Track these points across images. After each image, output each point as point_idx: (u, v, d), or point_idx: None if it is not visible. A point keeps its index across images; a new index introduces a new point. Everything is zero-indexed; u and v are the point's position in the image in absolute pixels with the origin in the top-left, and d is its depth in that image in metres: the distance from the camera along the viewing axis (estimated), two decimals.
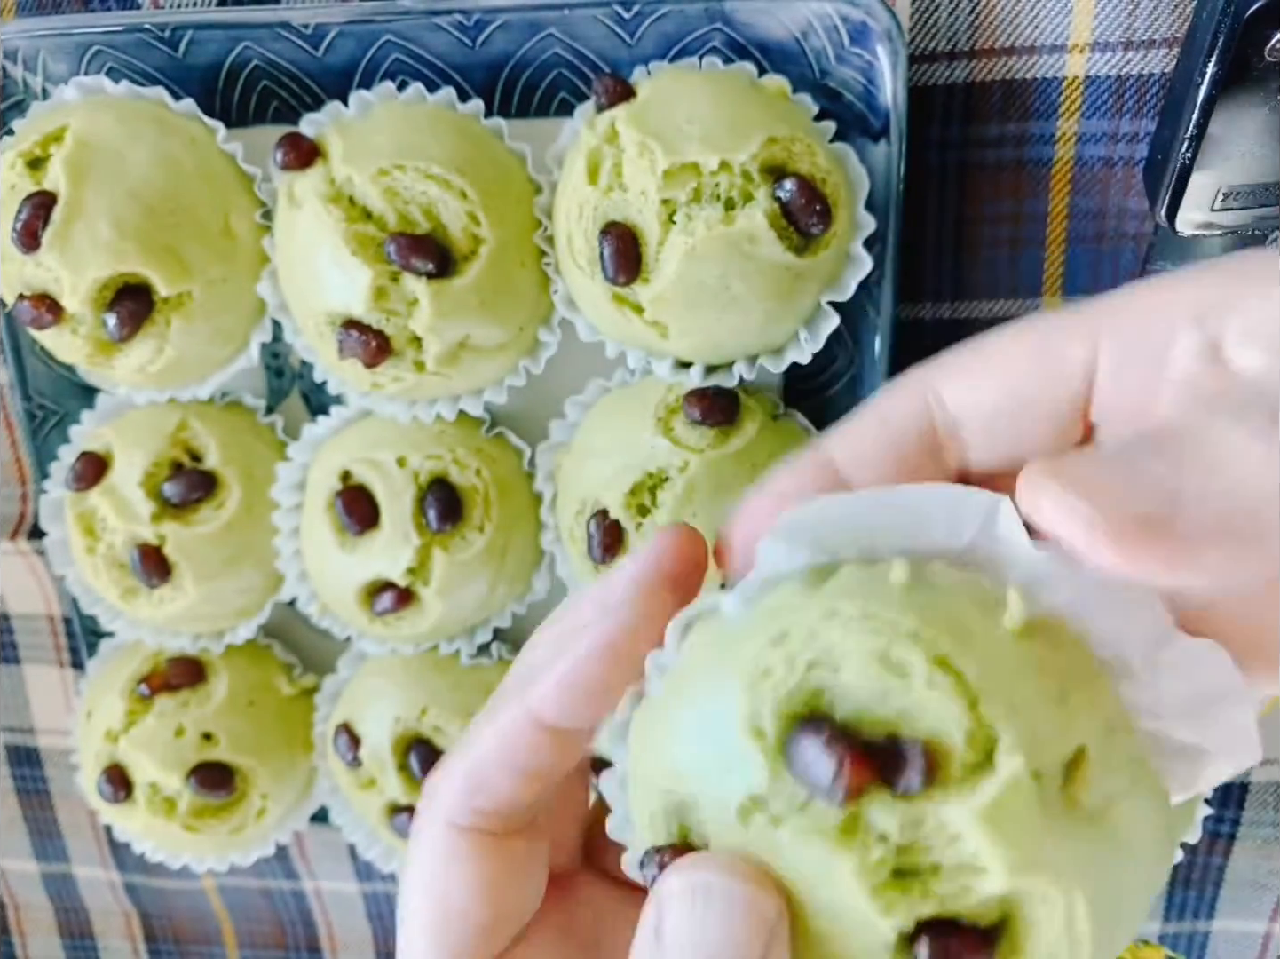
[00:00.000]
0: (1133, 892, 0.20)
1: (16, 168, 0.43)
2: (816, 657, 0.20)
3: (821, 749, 0.19)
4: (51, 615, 0.60)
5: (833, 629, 0.20)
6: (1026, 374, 0.22)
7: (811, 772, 0.19)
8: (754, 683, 0.20)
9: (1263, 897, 0.56)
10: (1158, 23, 0.41)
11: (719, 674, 0.21)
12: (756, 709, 0.20)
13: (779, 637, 0.20)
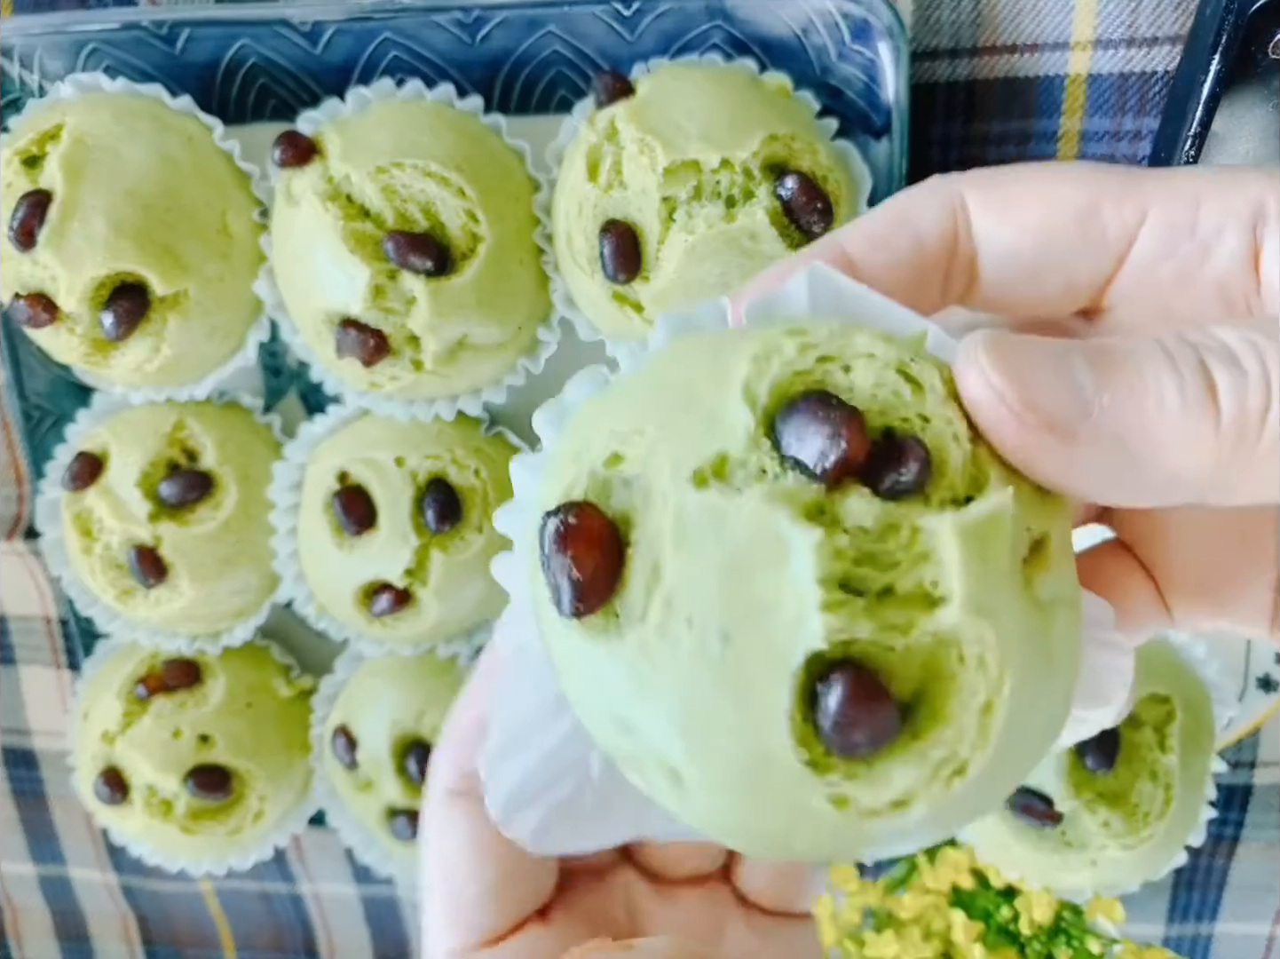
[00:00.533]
0: (1046, 705, 0.19)
1: (13, 166, 0.43)
2: (832, 352, 0.19)
3: (820, 419, 0.17)
4: (48, 616, 0.59)
5: (857, 334, 0.19)
6: (1065, 232, 0.21)
7: (804, 441, 0.17)
8: (761, 356, 0.19)
9: (1266, 899, 0.56)
10: (1161, 20, 0.41)
11: (718, 350, 0.19)
12: (757, 377, 0.18)
13: (797, 330, 0.19)
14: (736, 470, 0.18)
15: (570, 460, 0.20)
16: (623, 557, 0.18)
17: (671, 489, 0.18)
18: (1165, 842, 0.46)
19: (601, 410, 0.20)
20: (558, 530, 0.18)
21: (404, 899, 0.64)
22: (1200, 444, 0.18)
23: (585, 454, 0.19)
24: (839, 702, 0.17)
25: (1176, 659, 0.47)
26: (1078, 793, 0.44)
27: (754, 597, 0.17)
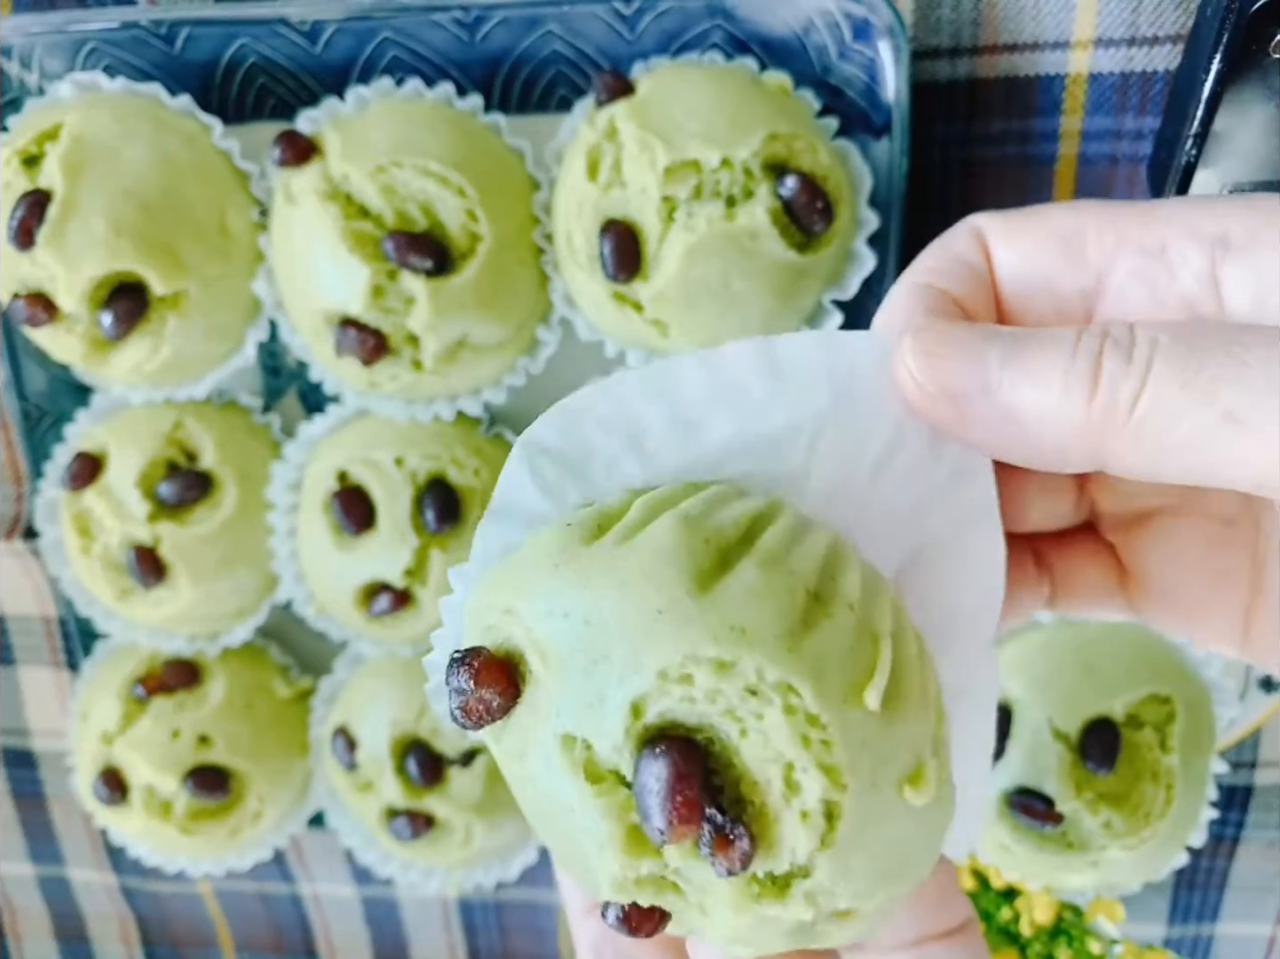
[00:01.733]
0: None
1: (12, 165, 0.43)
2: (741, 712, 0.19)
3: (671, 790, 0.18)
4: (46, 617, 0.59)
5: (792, 674, 0.19)
6: (1052, 258, 0.24)
7: (649, 793, 0.19)
8: (670, 675, 0.19)
9: (1267, 900, 0.56)
10: (1161, 19, 0.41)
11: (645, 622, 0.20)
12: (654, 698, 0.19)
13: (732, 645, 0.20)
14: (594, 762, 0.19)
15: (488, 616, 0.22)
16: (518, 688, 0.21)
17: (546, 730, 0.20)
18: (1166, 842, 0.46)
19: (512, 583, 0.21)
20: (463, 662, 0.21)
21: (403, 900, 0.64)
22: (1071, 421, 0.21)
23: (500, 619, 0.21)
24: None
25: (1178, 660, 0.47)
26: (1079, 793, 0.44)
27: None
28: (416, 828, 0.49)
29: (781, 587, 0.19)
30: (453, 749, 0.49)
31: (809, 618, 0.19)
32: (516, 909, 0.63)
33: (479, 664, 0.20)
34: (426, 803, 0.49)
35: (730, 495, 0.21)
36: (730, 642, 0.19)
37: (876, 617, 0.20)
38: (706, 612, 0.19)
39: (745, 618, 0.19)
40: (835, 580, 0.20)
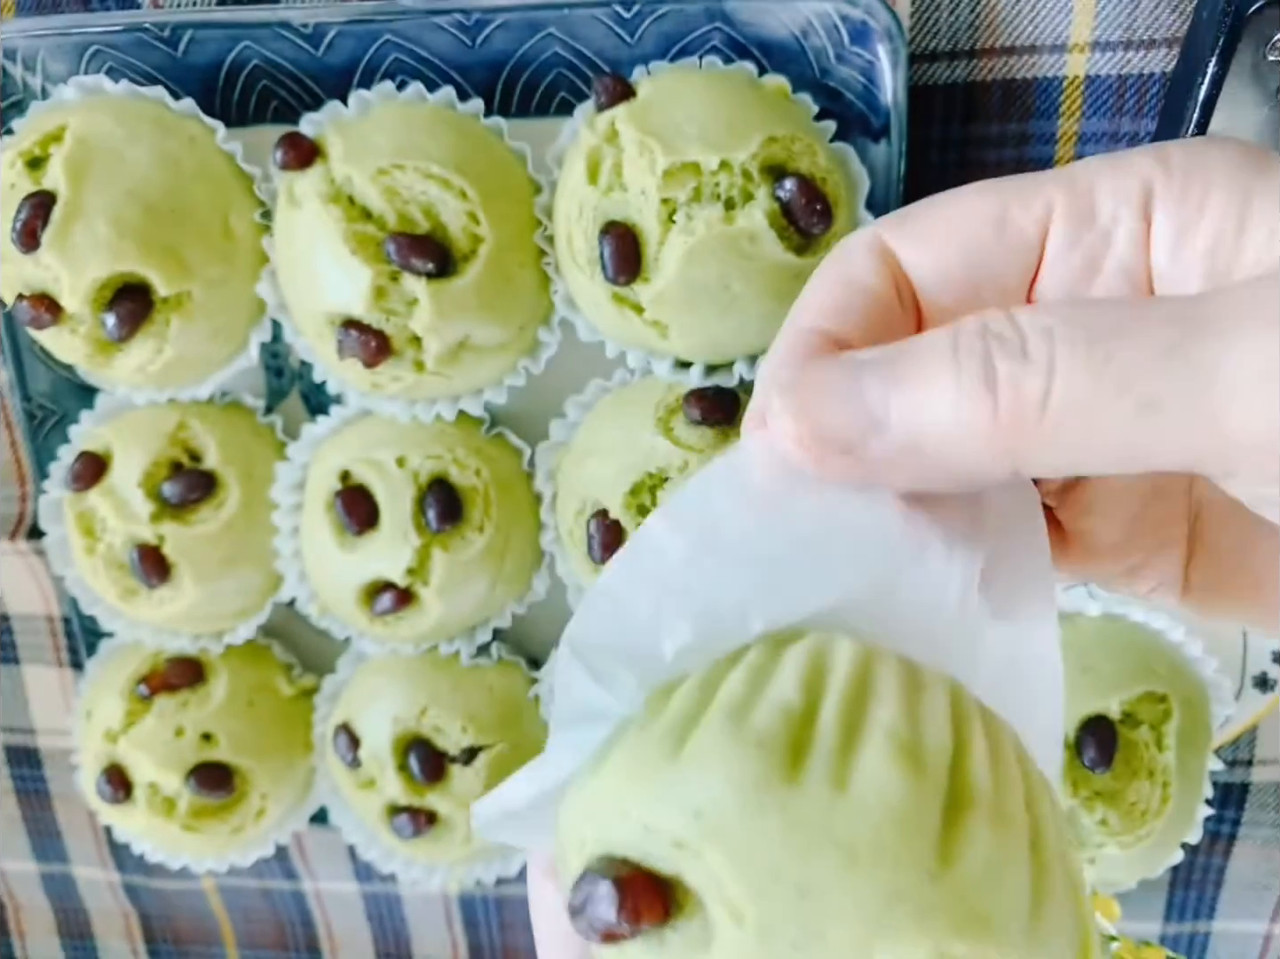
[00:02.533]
0: None
1: (16, 167, 0.43)
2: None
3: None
4: (51, 616, 0.60)
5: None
6: (983, 243, 0.22)
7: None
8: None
9: (1263, 897, 0.56)
10: (1158, 22, 0.41)
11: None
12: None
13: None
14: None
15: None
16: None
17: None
18: (1162, 840, 0.46)
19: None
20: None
21: (405, 896, 0.65)
22: (977, 435, 0.19)
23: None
24: None
25: (1174, 657, 0.47)
26: (1075, 791, 0.44)
27: None
28: (418, 825, 0.49)
29: (1013, 852, 0.17)
30: (454, 747, 0.49)
31: (1036, 884, 0.17)
32: (517, 905, 0.63)
33: (634, 888, 0.17)
34: (428, 800, 0.50)
35: (899, 685, 0.19)
36: (977, 935, 0.17)
37: (1070, 850, 0.19)
38: (949, 897, 0.17)
39: (989, 903, 0.17)
40: (1039, 818, 0.18)
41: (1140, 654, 0.46)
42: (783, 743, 0.18)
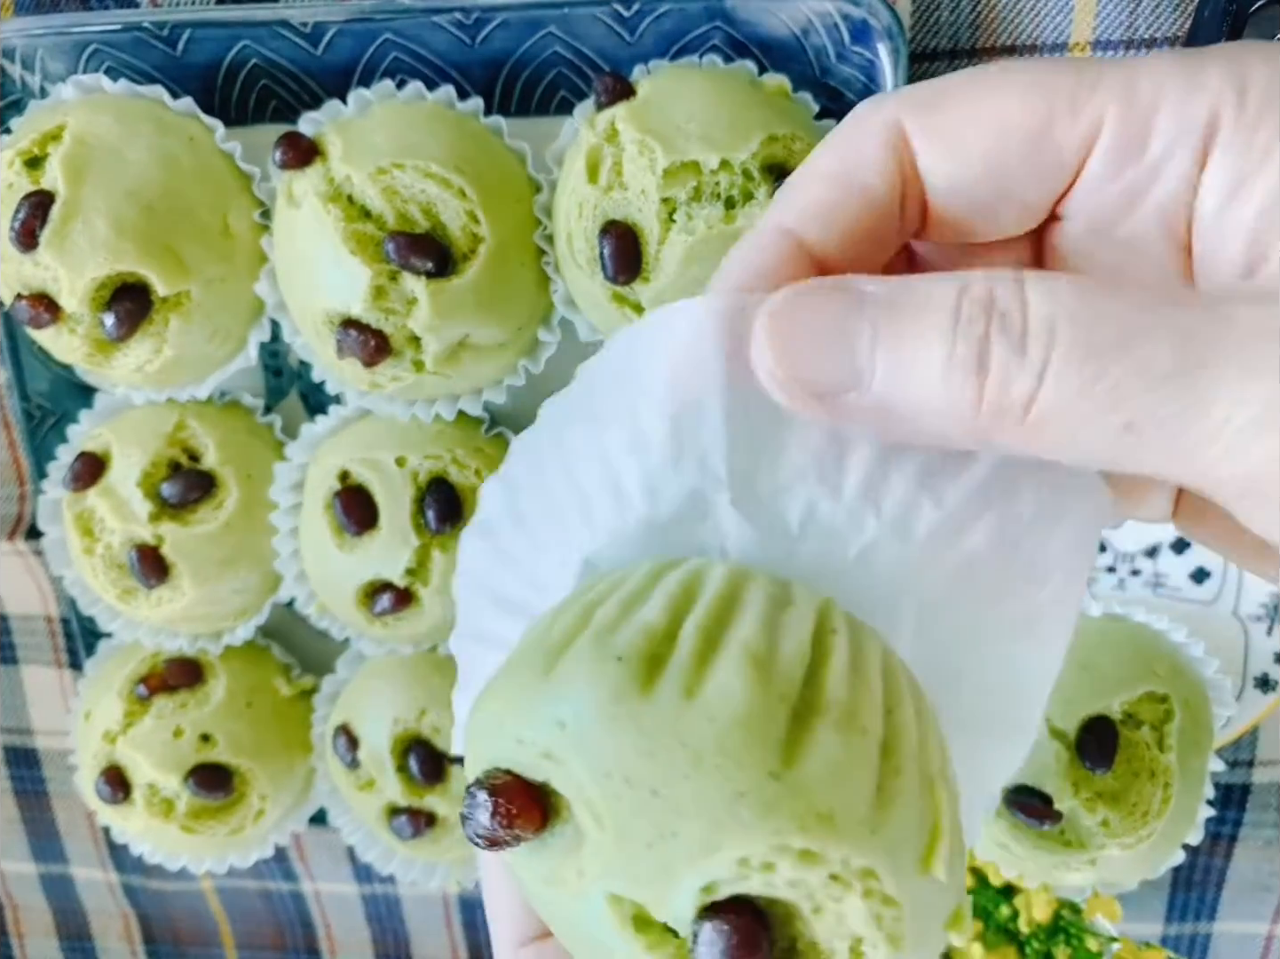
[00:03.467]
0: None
1: (14, 167, 0.43)
2: (819, 901, 0.19)
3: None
4: (49, 616, 0.59)
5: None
6: (1017, 159, 0.21)
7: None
8: (746, 862, 0.19)
9: (1264, 898, 0.56)
10: (1159, 21, 0.41)
11: (720, 769, 0.19)
12: (724, 880, 0.18)
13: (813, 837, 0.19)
14: (645, 917, 0.19)
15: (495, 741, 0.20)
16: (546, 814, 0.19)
17: (591, 882, 0.19)
18: (1163, 840, 0.46)
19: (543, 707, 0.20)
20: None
21: (405, 897, 0.65)
22: (958, 416, 0.18)
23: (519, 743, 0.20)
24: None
25: (1175, 658, 0.47)
26: (1076, 792, 0.44)
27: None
28: (418, 826, 0.49)
29: (860, 755, 0.18)
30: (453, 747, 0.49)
31: (884, 785, 0.18)
32: None
33: (507, 794, 0.19)
34: (428, 801, 0.49)
35: (764, 603, 0.20)
36: (818, 831, 0.18)
37: (933, 755, 0.19)
38: (792, 796, 0.18)
39: (831, 801, 0.18)
40: (897, 725, 0.19)
41: (1142, 655, 0.46)
42: (642, 658, 0.19)
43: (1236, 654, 0.49)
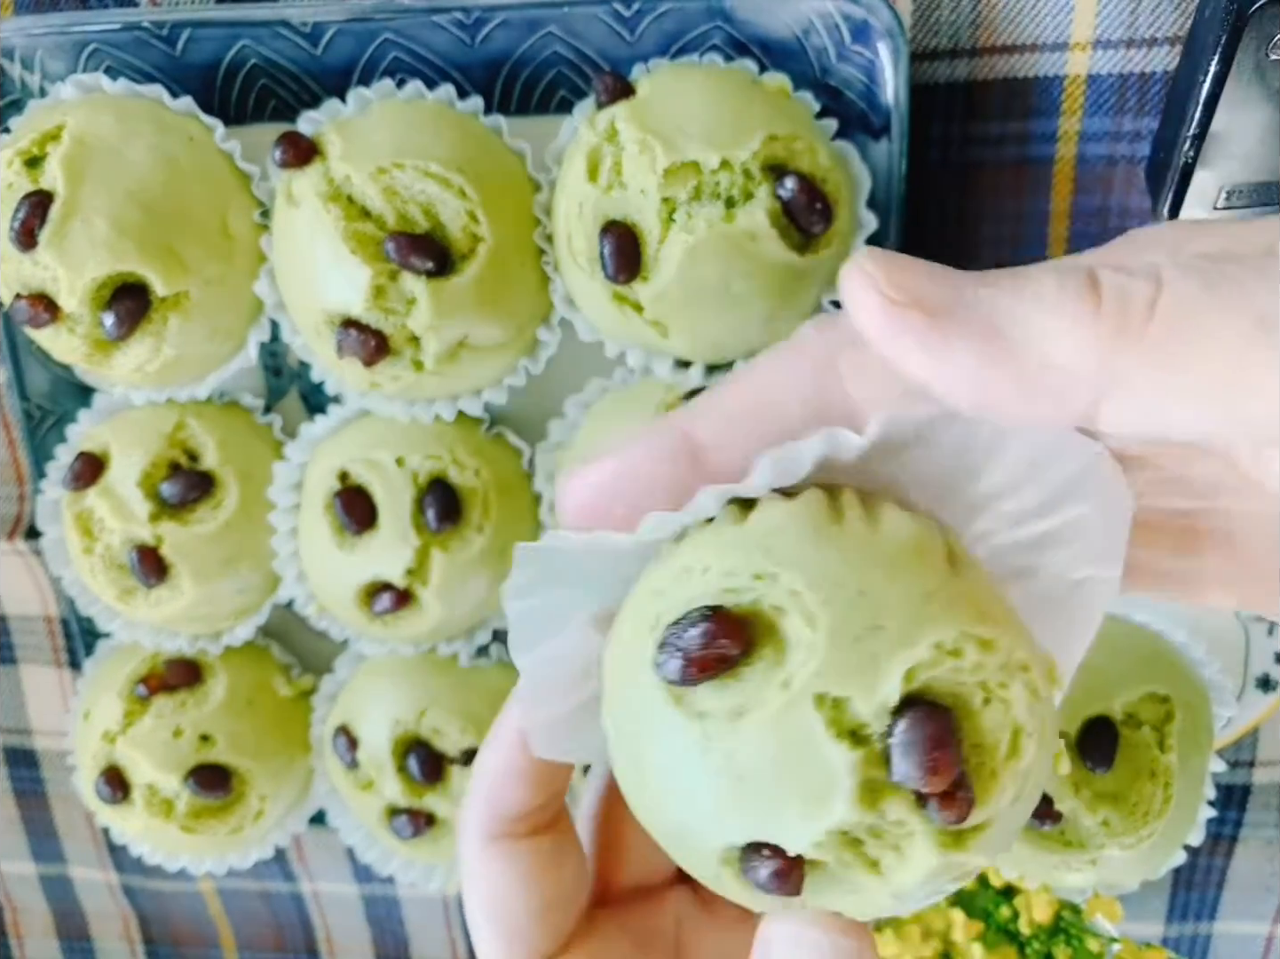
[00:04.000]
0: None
1: (14, 166, 0.43)
2: (993, 679, 0.21)
3: (931, 758, 0.20)
4: (48, 616, 0.59)
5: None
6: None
7: (909, 757, 0.21)
8: (927, 664, 0.21)
9: (1265, 899, 0.56)
10: (1160, 20, 0.41)
11: (903, 600, 0.22)
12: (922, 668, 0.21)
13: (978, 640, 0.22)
14: (841, 720, 0.21)
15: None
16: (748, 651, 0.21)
17: (795, 689, 0.21)
18: (1164, 841, 0.46)
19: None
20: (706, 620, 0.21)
21: (405, 898, 0.65)
22: (1078, 324, 0.18)
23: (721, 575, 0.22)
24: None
25: (1176, 659, 0.47)
26: (1077, 792, 0.44)
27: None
28: (417, 826, 0.49)
29: (997, 586, 0.22)
30: (454, 748, 0.49)
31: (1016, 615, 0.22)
32: None
33: (723, 622, 0.21)
34: (427, 802, 0.49)
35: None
36: (991, 624, 0.21)
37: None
38: (966, 597, 0.21)
39: (994, 607, 0.22)
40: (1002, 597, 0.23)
41: (1142, 655, 0.46)
42: (823, 503, 0.22)
43: (1237, 655, 0.49)
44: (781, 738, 0.21)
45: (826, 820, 0.20)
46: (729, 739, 0.21)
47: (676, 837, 0.23)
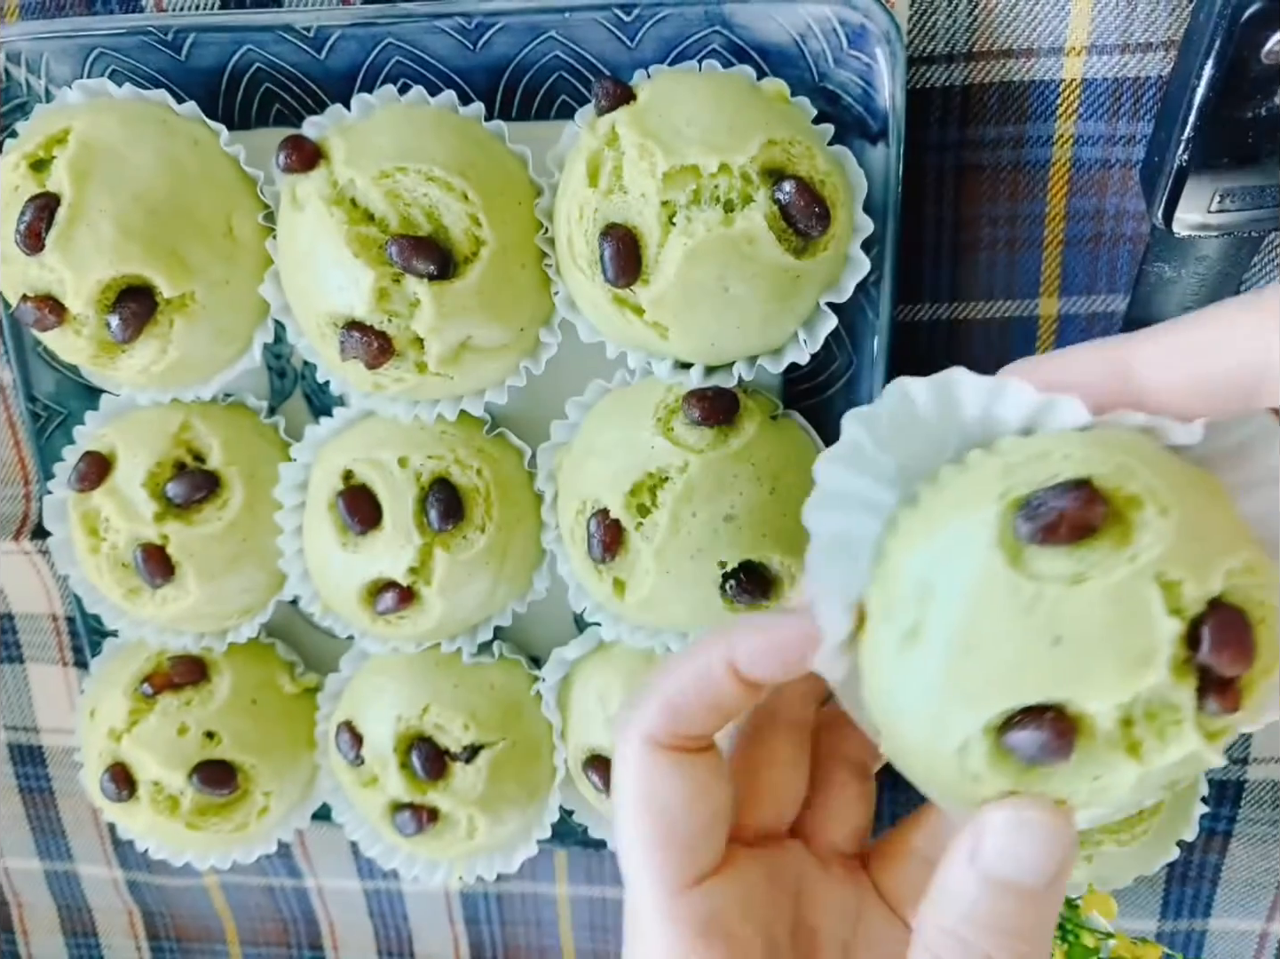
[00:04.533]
0: None
1: (20, 169, 0.43)
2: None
3: (1238, 644, 0.25)
4: (55, 615, 0.60)
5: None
6: None
7: (1221, 650, 0.24)
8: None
9: (1259, 895, 0.56)
10: (1154, 26, 0.41)
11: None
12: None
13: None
14: (1174, 599, 0.25)
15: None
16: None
17: (1140, 564, 0.25)
18: (1159, 838, 0.46)
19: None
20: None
21: (408, 893, 0.65)
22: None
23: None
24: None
25: None
26: None
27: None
28: (420, 822, 0.50)
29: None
30: (456, 744, 0.50)
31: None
32: (518, 902, 0.64)
33: (1092, 493, 0.25)
34: (430, 798, 0.50)
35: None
36: (1267, 560, 0.26)
37: None
38: (1248, 534, 0.26)
39: (1261, 547, 0.26)
40: None
41: None
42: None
43: None
44: (1117, 604, 0.24)
45: (1141, 682, 0.24)
46: (1061, 601, 0.24)
47: (942, 702, 0.25)
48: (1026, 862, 0.25)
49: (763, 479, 0.43)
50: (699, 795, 0.30)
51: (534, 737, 0.51)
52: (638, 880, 0.30)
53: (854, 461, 0.29)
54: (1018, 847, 0.25)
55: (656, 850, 0.29)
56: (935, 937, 0.26)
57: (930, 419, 0.28)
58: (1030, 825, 0.25)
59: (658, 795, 0.30)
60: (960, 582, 0.25)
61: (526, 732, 0.51)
